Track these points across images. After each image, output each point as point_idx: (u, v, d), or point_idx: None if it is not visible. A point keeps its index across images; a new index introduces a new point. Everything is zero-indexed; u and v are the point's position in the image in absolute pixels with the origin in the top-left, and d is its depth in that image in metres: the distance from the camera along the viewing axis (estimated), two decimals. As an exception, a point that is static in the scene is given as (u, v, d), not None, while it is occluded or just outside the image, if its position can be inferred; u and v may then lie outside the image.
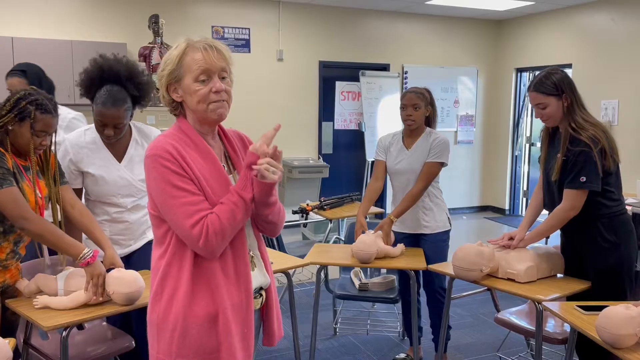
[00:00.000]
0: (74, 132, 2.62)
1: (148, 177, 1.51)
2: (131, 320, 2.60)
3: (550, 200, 2.61)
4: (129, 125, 2.62)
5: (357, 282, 3.38)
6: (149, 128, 2.72)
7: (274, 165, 1.48)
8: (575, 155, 2.41)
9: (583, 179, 2.39)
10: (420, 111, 3.09)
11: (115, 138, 2.50)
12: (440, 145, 3.08)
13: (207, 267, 1.53)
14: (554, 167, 2.51)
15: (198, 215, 1.47)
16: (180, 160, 1.48)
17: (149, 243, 2.63)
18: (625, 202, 4.40)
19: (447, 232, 3.21)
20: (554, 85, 2.47)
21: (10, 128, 2.12)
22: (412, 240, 3.19)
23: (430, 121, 3.21)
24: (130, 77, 2.48)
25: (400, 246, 3.04)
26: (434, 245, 3.15)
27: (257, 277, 1.66)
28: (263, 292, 1.72)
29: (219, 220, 1.48)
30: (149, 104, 2.65)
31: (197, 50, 1.53)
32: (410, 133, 3.16)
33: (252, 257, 1.67)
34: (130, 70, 2.50)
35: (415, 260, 2.96)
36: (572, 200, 2.45)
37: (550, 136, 2.64)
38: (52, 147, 2.29)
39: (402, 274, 3.26)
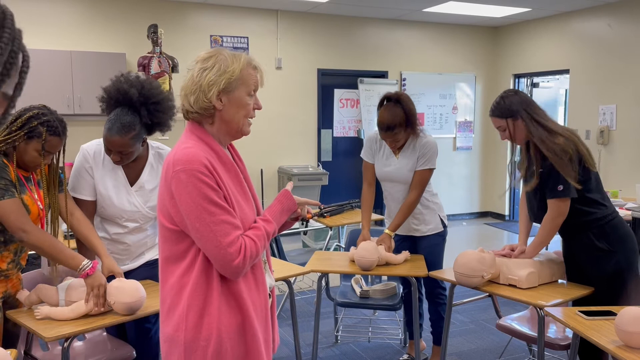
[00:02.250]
0: (96, 141, 2.48)
1: (181, 192, 1.46)
2: (126, 330, 2.58)
3: (531, 210, 2.67)
4: (147, 146, 2.51)
5: (358, 290, 3.37)
6: (167, 152, 2.53)
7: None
8: (549, 168, 2.47)
9: (560, 187, 2.45)
10: (400, 136, 3.00)
11: (122, 163, 2.39)
12: (428, 152, 3.06)
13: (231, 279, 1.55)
14: (531, 180, 2.57)
15: (235, 235, 1.48)
16: (215, 175, 1.49)
17: (145, 264, 2.59)
18: (625, 206, 4.43)
19: (440, 235, 3.20)
20: (507, 109, 2.56)
21: (17, 144, 2.13)
22: (407, 242, 3.21)
23: (413, 127, 3.05)
24: (145, 102, 2.32)
25: (405, 253, 3.04)
26: (425, 248, 3.16)
27: (268, 280, 1.70)
28: (270, 293, 1.75)
29: (255, 244, 1.52)
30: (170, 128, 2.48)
31: (253, 67, 1.61)
32: None
33: (265, 261, 1.71)
34: (147, 95, 2.32)
35: (415, 267, 2.96)
36: (555, 209, 2.50)
37: (527, 151, 2.67)
38: (55, 163, 2.28)
39: (405, 280, 3.28)
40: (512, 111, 2.55)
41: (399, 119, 2.96)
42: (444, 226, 3.22)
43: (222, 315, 1.51)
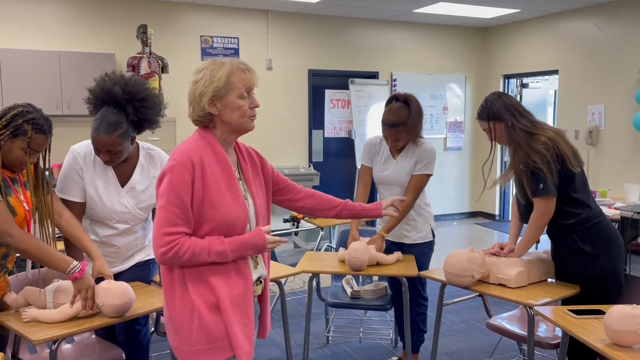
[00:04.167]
0: (86, 142, 2.45)
1: (165, 175, 1.67)
2: (115, 332, 2.56)
3: (519, 210, 2.71)
4: (138, 146, 2.49)
5: (349, 290, 3.37)
6: (158, 153, 2.55)
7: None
8: (532, 168, 2.49)
9: (541, 185, 2.47)
10: (402, 135, 3.02)
11: (112, 163, 2.36)
12: (427, 157, 3.07)
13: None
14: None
15: (177, 229, 1.65)
16: (200, 171, 1.68)
17: (135, 266, 2.58)
18: (614, 206, 4.46)
19: (428, 244, 3.20)
20: (490, 112, 2.60)
21: (2, 143, 2.10)
22: (396, 248, 3.19)
23: (417, 131, 3.07)
24: (130, 99, 2.30)
25: (397, 254, 3.04)
26: (414, 256, 3.14)
27: (259, 270, 1.86)
28: (262, 280, 1.91)
29: (190, 249, 1.65)
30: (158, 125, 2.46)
31: (241, 71, 1.74)
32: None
33: (256, 256, 1.85)
34: (132, 92, 2.30)
35: (406, 267, 2.96)
36: (540, 208, 2.52)
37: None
38: (42, 164, 2.25)
39: (393, 281, 3.26)
40: (494, 114, 2.59)
41: (404, 119, 2.99)
42: (433, 236, 3.22)
43: (198, 294, 1.69)
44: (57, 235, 2.29)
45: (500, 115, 2.57)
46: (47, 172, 2.30)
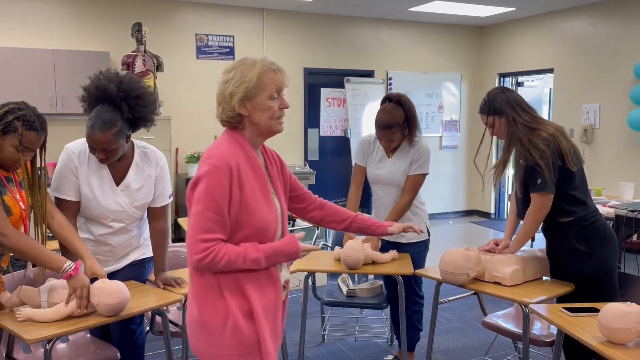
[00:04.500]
0: (81, 140, 2.44)
1: (202, 179, 1.62)
2: (110, 332, 2.55)
3: (517, 205, 2.71)
4: (133, 145, 2.48)
5: (344, 289, 3.37)
6: (154, 152, 2.54)
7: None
8: (531, 164, 2.50)
9: (539, 181, 2.48)
10: (396, 136, 3.01)
11: (108, 161, 2.35)
12: (422, 157, 3.07)
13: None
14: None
15: (214, 236, 1.62)
16: (237, 176, 1.64)
17: (130, 265, 2.57)
18: (609, 204, 4.48)
19: (424, 243, 3.20)
20: (492, 106, 2.61)
21: None
22: (392, 247, 3.19)
23: (411, 130, 3.07)
24: (125, 97, 2.29)
25: (393, 252, 3.04)
26: (410, 255, 3.14)
27: (284, 275, 1.84)
28: (285, 285, 1.89)
29: (226, 256, 1.62)
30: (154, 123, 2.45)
31: (272, 71, 1.73)
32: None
33: None
34: (127, 90, 2.29)
35: (402, 265, 2.96)
36: (537, 203, 2.52)
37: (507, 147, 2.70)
38: (39, 163, 2.23)
39: (389, 280, 3.27)
40: (496, 109, 2.59)
41: (398, 119, 2.98)
42: (429, 234, 3.23)
43: (233, 300, 1.67)
44: (49, 235, 2.28)
45: (501, 109, 2.58)
46: (41, 172, 2.29)
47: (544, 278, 2.69)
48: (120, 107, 2.29)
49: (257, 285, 1.70)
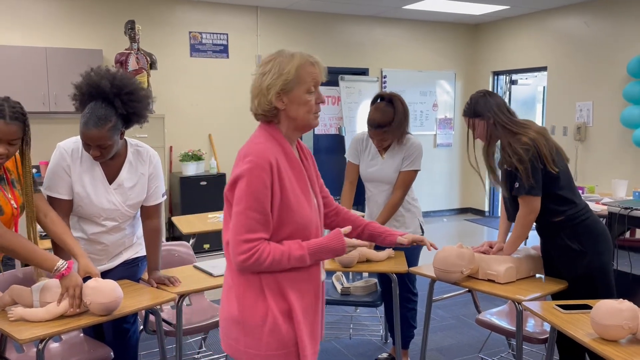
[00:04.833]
0: (73, 139, 2.43)
1: (243, 178, 1.58)
2: (103, 331, 2.54)
3: (507, 208, 2.74)
4: (126, 143, 2.47)
5: (339, 287, 3.37)
6: (147, 150, 2.53)
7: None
8: (514, 167, 2.52)
9: (516, 185, 2.51)
10: (388, 135, 3.01)
11: (103, 158, 2.33)
12: (414, 153, 3.07)
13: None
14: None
15: (256, 235, 1.59)
16: (277, 173, 1.60)
17: (123, 264, 2.56)
18: (602, 201, 4.50)
19: None
20: (474, 109, 2.64)
21: None
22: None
23: (403, 129, 3.06)
24: (118, 93, 2.27)
25: (388, 250, 3.04)
26: (404, 253, 3.14)
27: (322, 273, 1.79)
28: (321, 284, 1.82)
29: (270, 255, 1.59)
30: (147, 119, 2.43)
31: (310, 64, 1.67)
32: None
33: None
34: (120, 86, 2.28)
35: (396, 263, 2.97)
36: (525, 206, 2.54)
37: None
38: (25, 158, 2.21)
39: (383, 277, 3.27)
40: (477, 111, 2.63)
41: (390, 119, 2.98)
42: (422, 231, 3.23)
43: (274, 300, 1.64)
44: (42, 234, 2.26)
45: (482, 113, 2.61)
46: (34, 170, 2.27)
47: (538, 276, 2.70)
48: (114, 103, 2.28)
49: (297, 285, 1.67)
